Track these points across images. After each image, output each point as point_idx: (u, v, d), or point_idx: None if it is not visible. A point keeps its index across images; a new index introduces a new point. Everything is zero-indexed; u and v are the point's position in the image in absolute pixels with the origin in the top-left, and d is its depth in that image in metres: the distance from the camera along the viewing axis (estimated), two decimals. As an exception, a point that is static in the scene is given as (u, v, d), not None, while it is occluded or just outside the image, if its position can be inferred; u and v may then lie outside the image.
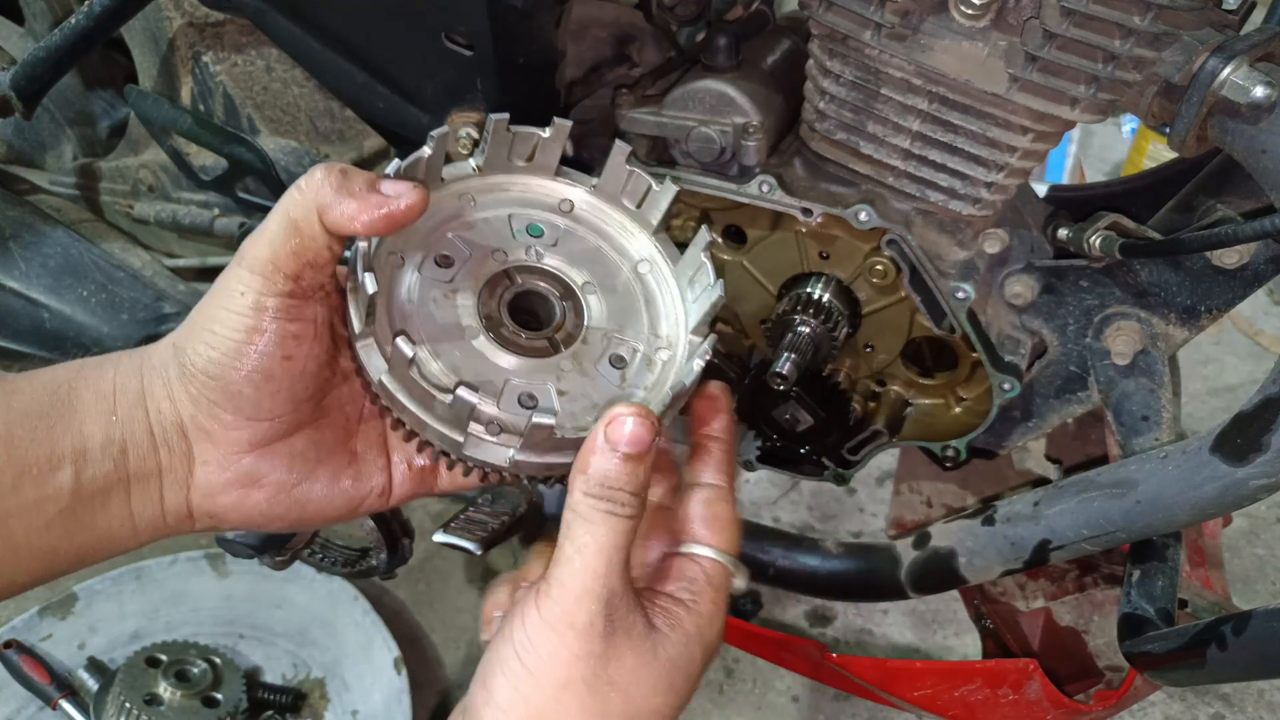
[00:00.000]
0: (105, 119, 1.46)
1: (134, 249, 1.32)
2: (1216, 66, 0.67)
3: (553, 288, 0.65)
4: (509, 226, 0.67)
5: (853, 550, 1.04)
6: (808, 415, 1.03)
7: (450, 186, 0.66)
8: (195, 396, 0.57)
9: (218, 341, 0.56)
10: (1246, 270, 0.83)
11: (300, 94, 1.22)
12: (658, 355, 0.66)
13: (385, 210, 0.55)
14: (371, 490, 0.64)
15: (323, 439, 0.62)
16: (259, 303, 0.55)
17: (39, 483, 0.55)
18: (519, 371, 0.61)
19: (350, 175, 0.56)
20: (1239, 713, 1.62)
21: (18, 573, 0.57)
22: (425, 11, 0.89)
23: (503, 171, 0.68)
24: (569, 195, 0.70)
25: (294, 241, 0.55)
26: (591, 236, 0.69)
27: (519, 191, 0.68)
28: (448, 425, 0.59)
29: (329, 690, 1.60)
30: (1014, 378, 0.91)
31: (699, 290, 0.67)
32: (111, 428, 0.57)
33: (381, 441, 0.65)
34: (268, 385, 0.57)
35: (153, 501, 0.59)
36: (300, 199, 0.55)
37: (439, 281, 0.62)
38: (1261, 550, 1.87)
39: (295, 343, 0.57)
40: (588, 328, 0.65)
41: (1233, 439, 0.72)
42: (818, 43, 0.84)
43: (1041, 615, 1.02)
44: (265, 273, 0.55)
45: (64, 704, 1.48)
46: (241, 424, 0.58)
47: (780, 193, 0.88)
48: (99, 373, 0.58)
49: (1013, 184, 0.84)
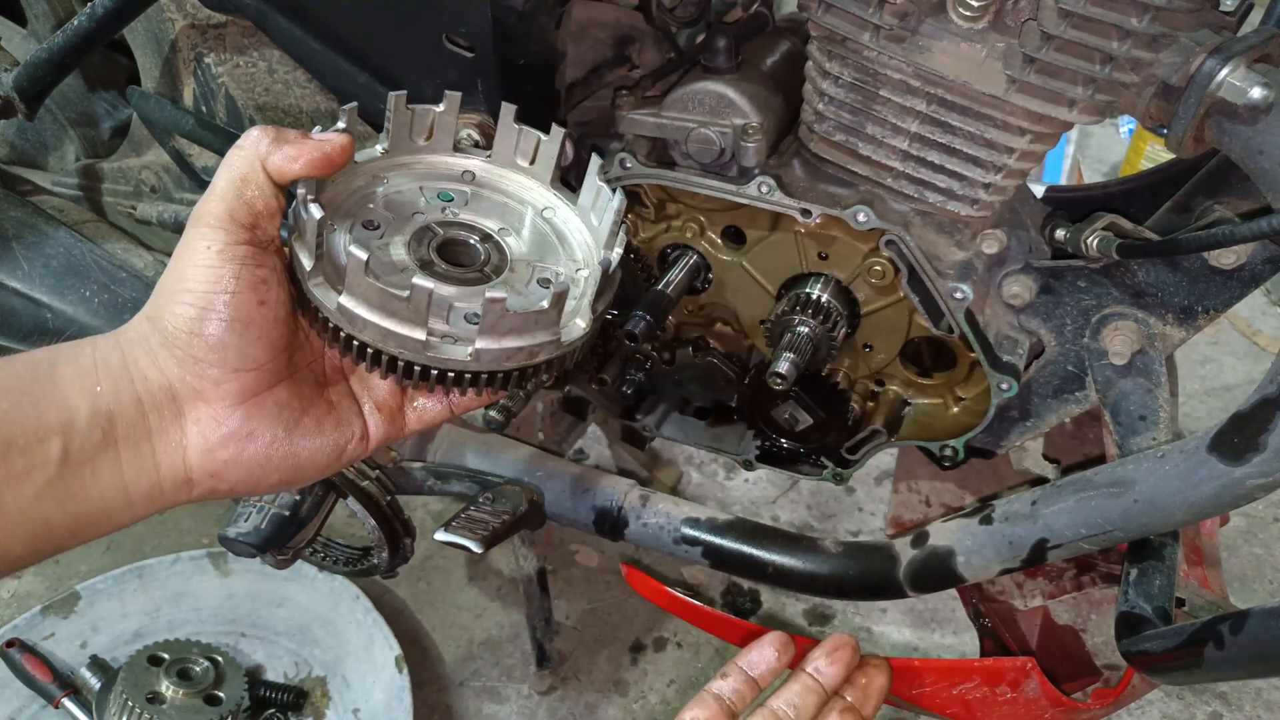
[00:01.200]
0: (108, 120, 1.46)
1: (136, 250, 1.32)
2: (1214, 68, 0.68)
3: (472, 234, 0.71)
4: (421, 195, 0.73)
5: (851, 549, 1.04)
6: (807, 415, 1.03)
7: (361, 168, 0.71)
8: (181, 358, 0.59)
9: (194, 299, 0.59)
10: (1244, 270, 0.84)
11: (302, 95, 1.22)
12: (579, 275, 0.72)
13: (321, 151, 0.61)
14: (353, 435, 0.67)
15: (301, 391, 0.65)
16: (225, 252, 0.59)
17: (27, 452, 0.55)
18: (459, 296, 0.66)
19: (283, 131, 0.61)
20: (1236, 711, 1.62)
21: (12, 544, 0.57)
22: (426, 13, 0.89)
23: (406, 152, 0.74)
24: (469, 166, 0.76)
25: (245, 194, 0.60)
26: (496, 196, 0.76)
27: (423, 168, 0.75)
28: (409, 325, 0.62)
29: (330, 688, 1.61)
30: (1012, 377, 0.91)
31: (601, 211, 0.74)
32: (97, 399, 0.58)
33: (349, 391, 0.69)
34: (249, 332, 0.60)
35: (147, 468, 0.60)
36: (243, 154, 0.60)
37: (371, 238, 0.67)
38: (1259, 549, 1.88)
39: (265, 287, 0.61)
40: (512, 260, 0.71)
41: (1230, 438, 0.73)
42: (816, 44, 0.84)
43: (1039, 614, 1.02)
44: (224, 225, 0.59)
45: (66, 703, 1.48)
46: (229, 376, 0.60)
47: (779, 194, 0.89)
48: (76, 351, 0.60)
49: (1011, 185, 0.84)
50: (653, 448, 2.01)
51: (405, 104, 0.73)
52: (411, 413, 0.71)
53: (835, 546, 1.05)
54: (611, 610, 1.82)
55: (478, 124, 0.94)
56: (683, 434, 1.15)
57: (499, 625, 1.78)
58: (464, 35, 0.88)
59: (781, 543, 1.06)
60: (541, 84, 0.93)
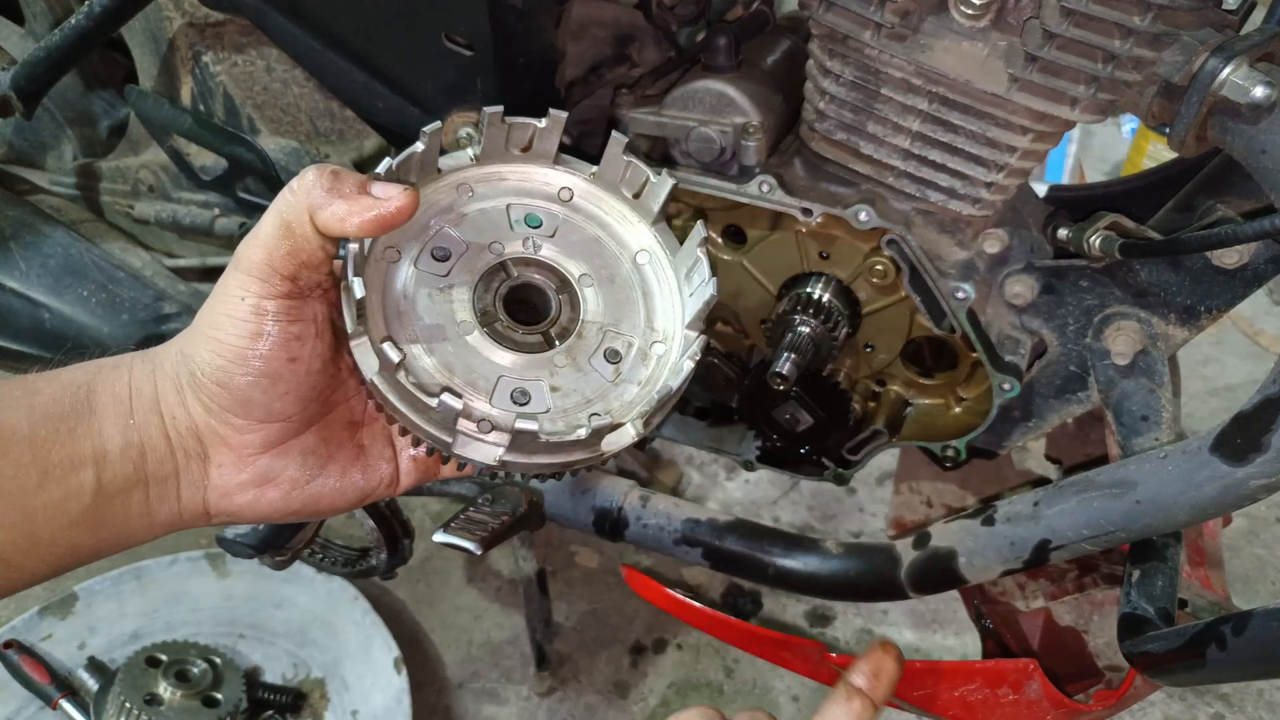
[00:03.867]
0: (105, 119, 1.46)
1: (134, 249, 1.32)
2: (1216, 66, 0.67)
3: (549, 280, 0.65)
4: (506, 217, 0.66)
5: (853, 550, 1.04)
6: (808, 415, 1.03)
7: (447, 177, 0.65)
8: (207, 404, 0.58)
9: (223, 349, 0.56)
10: (1246, 270, 0.83)
11: (300, 94, 1.22)
12: (653, 349, 0.66)
13: (375, 213, 0.55)
14: (380, 481, 0.65)
15: (331, 435, 0.63)
16: (259, 306, 0.56)
17: (62, 482, 0.56)
18: (513, 368, 0.61)
19: (341, 177, 0.56)
20: (1239, 713, 1.62)
21: (39, 567, 0.58)
22: (425, 12, 0.89)
23: (500, 161, 0.67)
24: (568, 183, 0.69)
25: (288, 243, 0.55)
26: (590, 226, 0.68)
27: (517, 180, 0.67)
28: (437, 426, 0.59)
29: (329, 690, 1.60)
30: (1014, 378, 0.91)
31: (694, 285, 0.67)
32: (129, 431, 0.58)
33: (387, 433, 0.66)
34: (275, 388, 0.58)
35: (170, 501, 0.60)
36: (292, 200, 0.55)
37: (434, 275, 0.62)
38: (1261, 550, 1.87)
39: (298, 344, 0.58)
40: (583, 322, 0.64)
41: (1233, 439, 0.72)
42: (818, 43, 0.84)
43: (1041, 615, 1.02)
44: (262, 275, 0.56)
45: (64, 704, 1.48)
46: (254, 427, 0.59)
47: (780, 193, 0.88)
48: (115, 375, 0.59)
49: (1013, 184, 0.84)
50: (653, 448, 2.01)
51: (501, 118, 0.66)
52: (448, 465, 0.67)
53: (836, 548, 1.04)
54: (611, 612, 1.81)
55: (477, 123, 0.94)
56: (683, 434, 1.14)
57: (498, 627, 1.78)
58: (463, 34, 0.88)
59: (782, 544, 1.05)
60: (541, 83, 0.93)
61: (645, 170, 0.68)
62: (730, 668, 1.73)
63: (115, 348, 1.24)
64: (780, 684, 1.70)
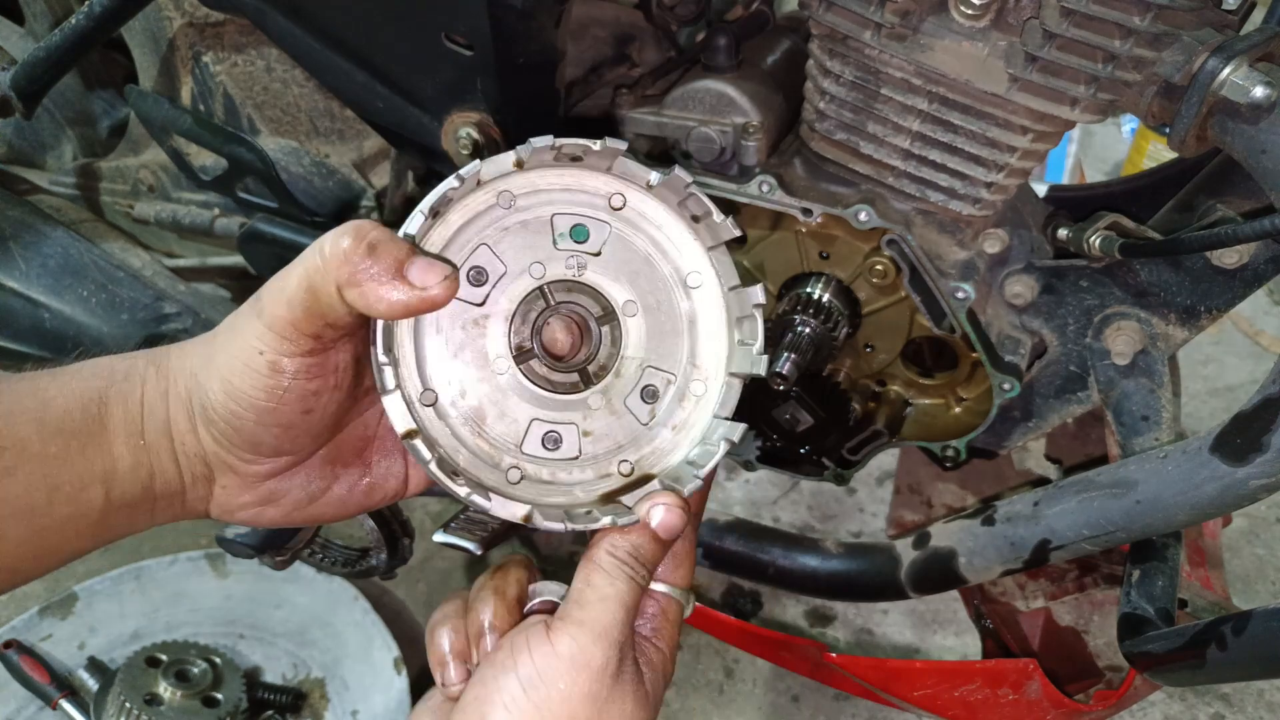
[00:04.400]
0: (105, 119, 1.46)
1: (134, 249, 1.32)
2: (1216, 66, 0.67)
3: (591, 309, 0.61)
4: (551, 230, 0.60)
5: (853, 550, 1.04)
6: (808, 415, 1.03)
7: (489, 186, 0.59)
8: (216, 438, 0.58)
9: (237, 395, 0.55)
10: (1246, 270, 0.83)
11: (300, 94, 1.22)
12: (692, 388, 0.62)
13: (408, 302, 0.52)
14: (386, 493, 0.65)
15: (340, 454, 0.63)
16: (276, 364, 0.54)
17: (72, 500, 0.56)
18: (546, 411, 0.60)
19: (379, 253, 0.52)
20: (1239, 713, 1.62)
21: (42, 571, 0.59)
22: (425, 11, 0.88)
23: (546, 166, 0.60)
24: (621, 190, 0.61)
25: (313, 306, 0.52)
26: (640, 240, 0.62)
27: (565, 185, 0.61)
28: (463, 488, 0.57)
29: (329, 690, 1.60)
30: (1014, 378, 0.91)
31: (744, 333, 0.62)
32: (139, 451, 0.58)
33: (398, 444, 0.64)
34: (287, 434, 0.57)
35: (175, 513, 0.61)
36: (322, 267, 0.52)
37: (470, 304, 0.59)
38: (1261, 550, 1.87)
39: (314, 398, 0.56)
40: (623, 358, 0.61)
41: (1233, 439, 0.72)
42: (818, 43, 0.84)
43: (1041, 615, 1.02)
44: (285, 333, 0.53)
45: (64, 704, 1.48)
46: (262, 461, 0.59)
47: (780, 192, 0.88)
48: (127, 387, 0.58)
49: (1013, 184, 0.84)
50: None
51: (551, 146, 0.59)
52: None
53: (836, 548, 1.04)
54: (611, 611, 1.81)
55: (476, 122, 0.93)
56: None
57: (498, 626, 1.77)
58: (463, 34, 0.88)
59: (782, 544, 1.05)
60: (541, 83, 0.93)
61: (705, 202, 0.61)
62: (730, 668, 1.72)
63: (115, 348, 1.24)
64: (780, 684, 1.70)
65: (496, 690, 0.53)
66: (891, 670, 1.03)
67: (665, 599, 0.60)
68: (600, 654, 0.53)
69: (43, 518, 0.56)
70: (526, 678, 0.53)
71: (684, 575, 0.62)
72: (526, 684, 0.53)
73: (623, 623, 0.55)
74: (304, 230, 1.16)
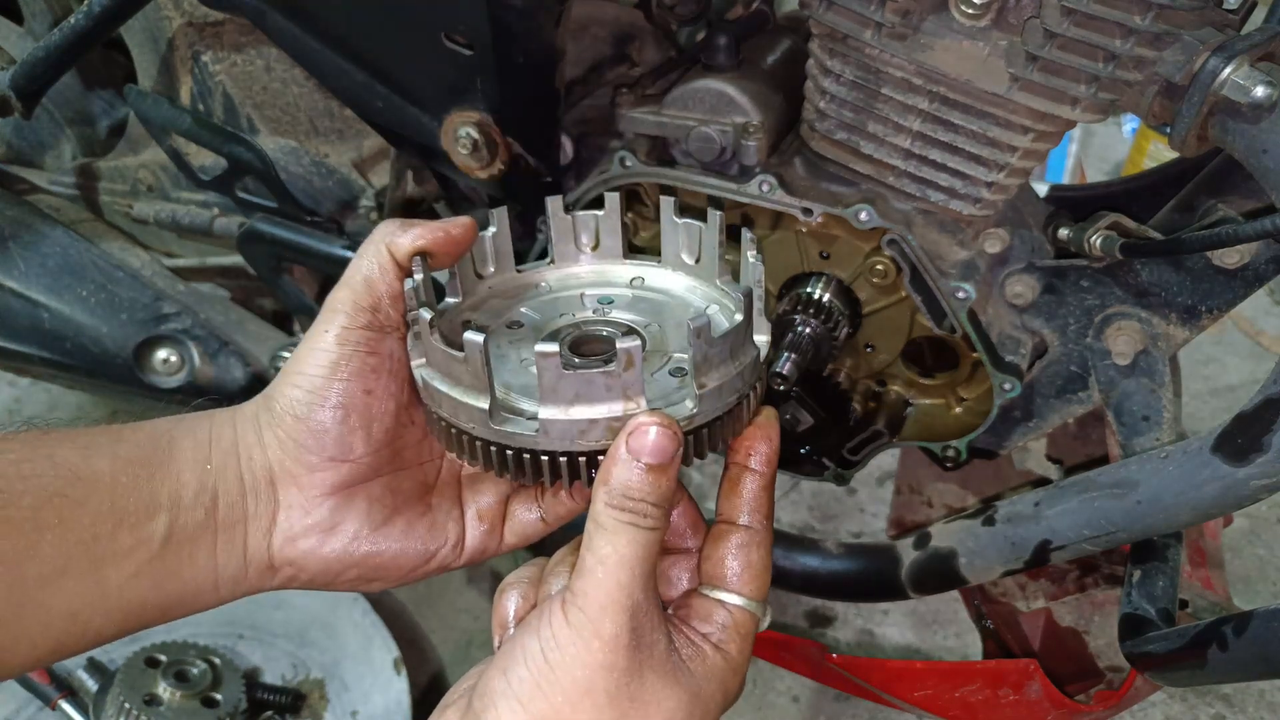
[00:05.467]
0: (104, 118, 1.45)
1: (133, 249, 1.32)
2: (1217, 66, 0.67)
3: (616, 328, 0.66)
4: (580, 300, 0.70)
5: (853, 550, 1.04)
6: (808, 415, 1.02)
7: (526, 274, 0.71)
8: (282, 439, 0.61)
9: (303, 380, 0.60)
10: (1247, 270, 0.83)
11: (300, 93, 1.22)
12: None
13: (443, 231, 0.62)
14: (445, 543, 0.66)
15: (399, 487, 0.64)
16: (342, 335, 0.60)
17: (135, 529, 0.57)
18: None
19: (412, 221, 0.63)
20: (1240, 713, 1.62)
21: (106, 623, 0.59)
22: (425, 11, 0.88)
23: (573, 262, 0.72)
24: (639, 273, 0.72)
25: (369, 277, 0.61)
26: (659, 296, 0.70)
27: (591, 273, 0.72)
28: (472, 394, 0.57)
29: (328, 691, 1.60)
30: (1015, 378, 0.91)
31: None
32: (205, 475, 0.60)
33: (456, 496, 0.67)
34: (349, 420, 0.60)
35: (236, 551, 0.61)
36: (371, 242, 0.62)
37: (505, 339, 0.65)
38: (1262, 550, 1.87)
39: (374, 376, 0.61)
40: (649, 350, 0.63)
41: (1233, 439, 0.72)
42: (818, 42, 0.84)
43: (1042, 615, 1.02)
44: (346, 309, 0.61)
45: (63, 704, 1.47)
46: (325, 464, 0.61)
47: (780, 192, 0.88)
48: (195, 423, 0.62)
49: (1013, 184, 0.84)
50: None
51: (563, 209, 0.70)
52: (508, 526, 0.68)
53: (837, 548, 1.04)
54: (611, 611, 1.81)
55: (476, 122, 0.93)
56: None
57: (498, 627, 1.77)
58: (463, 33, 0.88)
59: (783, 544, 1.05)
60: (541, 82, 0.93)
61: (696, 225, 0.68)
62: (730, 668, 1.72)
63: (114, 347, 1.24)
64: (781, 684, 1.70)
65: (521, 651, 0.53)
66: (892, 671, 1.03)
67: (739, 611, 0.59)
68: (610, 623, 0.51)
69: (105, 545, 0.56)
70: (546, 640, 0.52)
71: (758, 587, 0.60)
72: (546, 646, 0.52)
73: (630, 585, 0.52)
74: (303, 230, 1.15)
